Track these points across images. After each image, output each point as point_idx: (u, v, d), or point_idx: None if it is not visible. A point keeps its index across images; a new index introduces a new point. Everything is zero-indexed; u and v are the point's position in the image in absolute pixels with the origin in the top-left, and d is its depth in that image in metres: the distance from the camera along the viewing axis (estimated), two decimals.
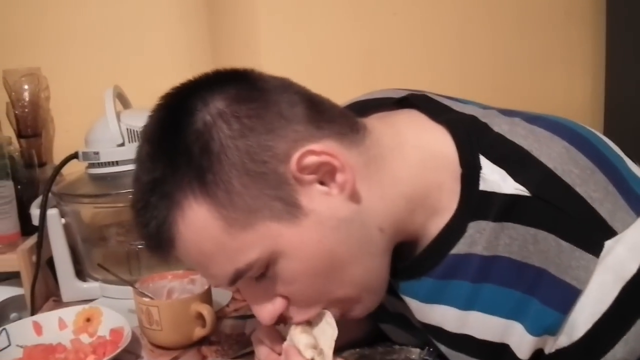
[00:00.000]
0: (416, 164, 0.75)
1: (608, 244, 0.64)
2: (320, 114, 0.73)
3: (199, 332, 1.10)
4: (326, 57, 1.62)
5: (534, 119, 0.76)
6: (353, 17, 1.58)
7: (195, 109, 0.69)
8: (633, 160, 0.75)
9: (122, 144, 1.26)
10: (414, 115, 0.79)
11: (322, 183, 0.71)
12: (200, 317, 1.09)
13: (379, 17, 1.57)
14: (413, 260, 0.78)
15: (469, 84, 1.52)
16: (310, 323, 0.79)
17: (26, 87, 1.54)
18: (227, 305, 1.28)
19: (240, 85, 0.71)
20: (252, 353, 0.95)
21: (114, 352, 1.04)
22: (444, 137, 0.75)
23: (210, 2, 1.62)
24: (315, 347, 0.77)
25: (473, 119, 0.76)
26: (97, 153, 1.27)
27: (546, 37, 1.68)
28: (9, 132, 1.54)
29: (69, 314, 1.20)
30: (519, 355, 0.72)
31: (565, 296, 0.66)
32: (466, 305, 0.75)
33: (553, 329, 0.68)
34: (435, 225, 0.75)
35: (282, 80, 0.75)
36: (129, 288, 1.22)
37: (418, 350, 0.92)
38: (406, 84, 0.98)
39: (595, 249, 0.65)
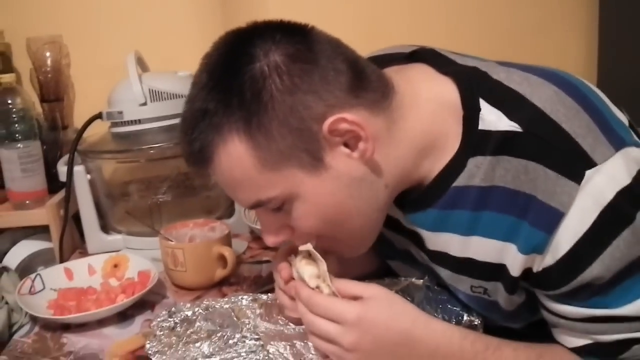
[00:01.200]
0: (428, 117, 0.83)
1: (588, 173, 0.72)
2: (361, 81, 0.80)
3: (220, 272, 1.19)
4: (332, 25, 1.70)
5: (527, 68, 0.84)
6: None
7: (257, 57, 0.76)
8: (620, 109, 0.83)
9: (145, 104, 1.35)
10: (424, 69, 0.88)
11: (346, 145, 0.79)
12: (221, 258, 1.18)
13: None
14: (419, 194, 0.86)
15: (468, 47, 1.59)
16: (310, 256, 0.87)
17: (48, 54, 1.62)
18: (244, 253, 1.37)
19: (299, 45, 0.78)
20: (270, 290, 1.05)
21: (142, 291, 1.13)
22: (449, 86, 0.83)
23: None
24: (318, 276, 0.86)
25: (474, 69, 0.85)
26: (120, 112, 1.35)
27: (543, 3, 1.76)
28: (32, 97, 1.62)
29: (97, 260, 1.29)
30: (512, 273, 0.81)
31: (551, 219, 0.74)
32: (468, 231, 0.83)
33: (540, 249, 0.76)
34: (438, 165, 0.83)
35: (335, 45, 0.81)
36: (151, 239, 1.31)
37: (421, 280, 1.01)
38: None
39: (577, 178, 0.72)
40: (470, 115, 0.80)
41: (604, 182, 0.73)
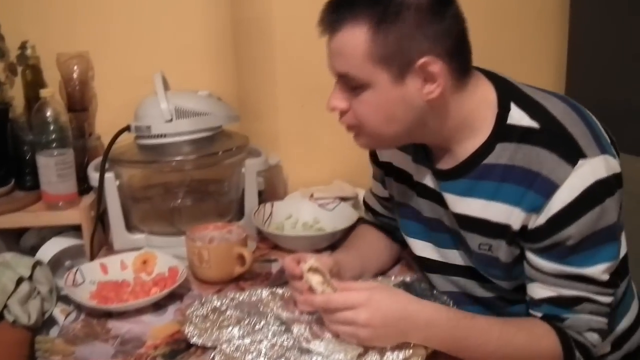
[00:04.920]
0: (474, 104, 1.10)
1: (580, 162, 1.00)
2: (459, 51, 1.07)
3: (238, 269, 1.40)
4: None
5: (547, 92, 1.14)
6: None
7: None
8: (607, 132, 1.11)
9: (170, 120, 1.53)
10: (481, 75, 1.15)
11: (423, 80, 1.04)
12: (240, 257, 1.39)
13: None
14: (456, 166, 1.13)
15: None
16: (318, 270, 1.09)
17: (76, 67, 1.79)
18: (254, 252, 1.57)
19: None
20: (283, 284, 1.28)
21: (173, 284, 1.33)
22: (491, 89, 1.12)
23: None
24: (323, 283, 1.09)
25: (508, 81, 1.15)
26: (149, 127, 1.54)
27: (517, 32, 1.98)
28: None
29: (128, 257, 1.48)
30: (514, 227, 1.07)
31: (550, 188, 1.01)
32: (491, 197, 1.09)
33: (538, 209, 1.03)
34: (472, 144, 1.11)
35: (459, 13, 1.07)
36: (170, 238, 1.52)
37: (408, 278, 1.25)
38: None
39: (572, 163, 1.00)
40: (502, 112, 1.09)
41: (589, 171, 1.01)
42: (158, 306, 1.32)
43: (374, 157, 1.40)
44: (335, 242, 1.55)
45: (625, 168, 1.09)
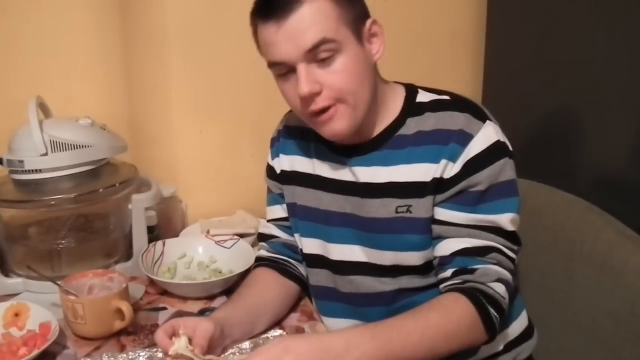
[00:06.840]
0: (389, 89, 1.23)
1: (487, 121, 1.15)
2: None
3: (118, 324, 1.26)
4: (232, 77, 1.78)
5: None
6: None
7: None
8: None
9: (45, 154, 1.39)
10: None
11: (369, 41, 1.16)
12: (119, 311, 1.25)
13: None
14: (372, 139, 1.22)
15: None
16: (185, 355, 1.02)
17: None
18: (141, 299, 1.44)
19: None
20: None
21: (44, 344, 1.18)
22: (399, 85, 1.26)
23: (124, 14, 1.74)
24: None
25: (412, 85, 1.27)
26: (21, 161, 1.39)
27: (433, 54, 1.91)
28: None
29: None
30: (432, 180, 1.15)
31: (466, 138, 1.13)
32: (409, 160, 1.18)
33: (455, 157, 1.13)
34: (386, 122, 1.21)
35: None
36: (51, 283, 1.36)
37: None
38: None
39: (482, 120, 1.14)
40: (410, 94, 1.23)
41: (494, 130, 1.15)
42: None
43: (270, 172, 1.41)
44: (231, 285, 1.43)
45: (541, 199, 1.23)
